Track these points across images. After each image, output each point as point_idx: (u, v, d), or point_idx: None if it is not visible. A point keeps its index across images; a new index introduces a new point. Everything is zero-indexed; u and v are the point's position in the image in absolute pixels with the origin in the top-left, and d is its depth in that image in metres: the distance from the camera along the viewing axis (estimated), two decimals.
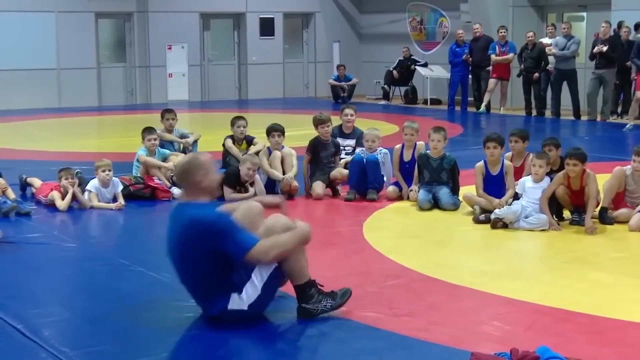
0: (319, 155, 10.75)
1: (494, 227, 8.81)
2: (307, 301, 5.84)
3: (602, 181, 9.08)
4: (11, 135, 17.63)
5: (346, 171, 10.64)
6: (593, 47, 19.09)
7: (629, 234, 8.64)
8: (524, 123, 18.88)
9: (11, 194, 9.81)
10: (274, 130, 10.80)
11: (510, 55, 21.11)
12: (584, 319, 6.00)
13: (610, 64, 18.86)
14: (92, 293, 6.64)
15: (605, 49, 18.52)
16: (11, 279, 7.19)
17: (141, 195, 10.39)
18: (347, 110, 11.55)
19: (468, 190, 9.73)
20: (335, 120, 11.69)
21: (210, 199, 5.88)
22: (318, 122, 10.86)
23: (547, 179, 9.00)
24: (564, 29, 19.85)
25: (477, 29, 21.87)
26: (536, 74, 20.15)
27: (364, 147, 10.60)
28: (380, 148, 10.60)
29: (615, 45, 18.64)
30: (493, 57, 21.22)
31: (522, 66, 20.54)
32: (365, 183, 10.37)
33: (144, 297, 6.48)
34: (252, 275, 5.70)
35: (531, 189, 8.98)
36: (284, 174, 10.52)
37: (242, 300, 5.69)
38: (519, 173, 9.49)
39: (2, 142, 14.74)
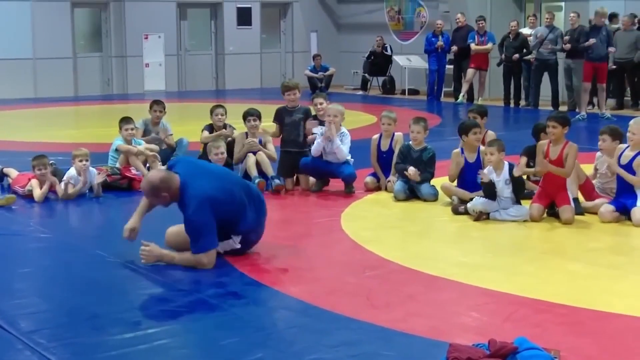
0: (284, 123, 10.66)
1: (477, 219, 8.77)
2: None
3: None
4: None
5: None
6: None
7: (602, 225, 8.64)
8: (503, 113, 18.88)
9: None
10: (250, 115, 10.70)
11: (489, 45, 21.10)
12: (563, 309, 5.99)
13: (579, 54, 18.47)
14: (69, 284, 6.59)
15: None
16: None
17: (118, 186, 10.34)
18: (317, 100, 11.02)
19: (445, 180, 9.68)
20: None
21: None
22: (285, 89, 10.77)
23: (506, 167, 8.89)
24: (547, 19, 19.70)
25: (459, 18, 21.80)
26: (516, 55, 20.07)
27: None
28: (343, 129, 10.29)
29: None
30: (472, 46, 21.13)
31: (504, 55, 20.51)
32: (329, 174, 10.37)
33: (121, 289, 6.43)
34: None
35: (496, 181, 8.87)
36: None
37: None
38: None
39: None
